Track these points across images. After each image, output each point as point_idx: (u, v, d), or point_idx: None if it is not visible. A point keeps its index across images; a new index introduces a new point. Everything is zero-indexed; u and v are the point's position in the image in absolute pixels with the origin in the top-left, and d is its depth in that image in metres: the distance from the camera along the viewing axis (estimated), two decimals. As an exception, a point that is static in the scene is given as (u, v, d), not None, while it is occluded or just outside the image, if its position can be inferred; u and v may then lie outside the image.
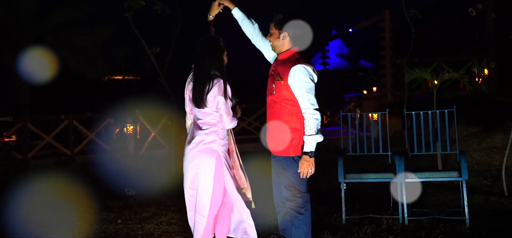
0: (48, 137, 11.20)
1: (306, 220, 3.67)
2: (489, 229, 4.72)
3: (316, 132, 3.53)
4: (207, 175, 3.65)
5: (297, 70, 3.56)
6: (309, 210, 3.69)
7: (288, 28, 3.66)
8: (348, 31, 17.93)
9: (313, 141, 3.54)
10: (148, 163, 11.01)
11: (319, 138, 3.55)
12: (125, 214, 5.82)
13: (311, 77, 3.59)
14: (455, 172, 4.95)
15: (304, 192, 3.66)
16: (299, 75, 3.56)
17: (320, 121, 3.56)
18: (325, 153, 8.79)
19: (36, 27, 15.29)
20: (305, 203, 3.66)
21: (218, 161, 3.66)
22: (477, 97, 11.81)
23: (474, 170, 7.38)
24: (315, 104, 3.57)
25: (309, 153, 3.54)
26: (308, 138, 3.53)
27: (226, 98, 3.63)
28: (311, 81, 3.58)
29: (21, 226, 5.46)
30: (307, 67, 3.58)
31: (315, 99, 3.58)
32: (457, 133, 5.50)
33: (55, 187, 8.29)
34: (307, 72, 3.57)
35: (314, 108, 3.55)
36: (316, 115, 3.55)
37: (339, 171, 5.06)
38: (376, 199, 6.03)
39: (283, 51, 3.70)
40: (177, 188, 7.09)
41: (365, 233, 4.70)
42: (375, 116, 10.22)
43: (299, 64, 3.57)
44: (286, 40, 3.68)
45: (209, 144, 3.65)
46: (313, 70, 3.64)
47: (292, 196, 3.65)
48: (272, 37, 3.73)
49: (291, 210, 3.67)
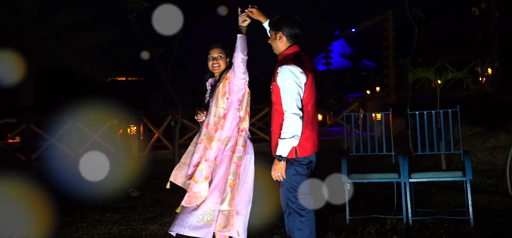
0: (52, 138, 11.24)
1: (308, 221, 3.64)
2: (493, 229, 4.70)
3: (292, 136, 3.46)
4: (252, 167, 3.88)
5: (281, 71, 3.52)
6: (311, 211, 3.67)
7: (282, 28, 3.66)
8: (351, 31, 17.91)
9: (284, 144, 3.47)
10: (152, 164, 11.04)
11: (293, 142, 3.47)
12: (129, 215, 5.83)
13: (294, 79, 3.49)
14: (459, 172, 4.94)
15: (306, 193, 3.65)
16: (282, 76, 3.51)
17: (297, 126, 3.46)
18: (329, 153, 8.77)
19: (39, 29, 15.34)
20: (305, 205, 3.64)
21: None
22: (481, 97, 11.78)
23: (478, 170, 7.36)
24: (293, 107, 3.47)
25: (279, 156, 3.49)
26: (280, 141, 3.48)
27: None
28: (294, 83, 3.49)
29: (21, 226, 5.49)
30: (291, 68, 3.50)
31: (296, 102, 3.48)
32: (461, 132, 5.49)
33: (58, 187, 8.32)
34: (291, 73, 3.49)
35: (291, 112, 3.46)
36: (293, 119, 3.46)
37: (342, 171, 5.05)
38: (380, 199, 6.03)
39: (281, 52, 3.70)
40: (181, 189, 7.12)
41: (369, 233, 4.70)
42: (379, 117, 10.22)
43: (284, 65, 3.52)
44: (282, 40, 3.68)
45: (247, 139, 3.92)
46: (301, 71, 3.52)
47: (293, 197, 3.64)
48: (270, 39, 3.75)
49: (293, 211, 3.67)
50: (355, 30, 17.46)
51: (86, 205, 6.42)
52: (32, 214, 6.04)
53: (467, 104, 9.88)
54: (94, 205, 6.40)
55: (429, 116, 5.41)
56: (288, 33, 3.67)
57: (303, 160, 3.63)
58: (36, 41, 15.33)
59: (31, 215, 5.99)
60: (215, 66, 4.02)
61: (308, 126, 3.62)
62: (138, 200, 6.76)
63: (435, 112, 5.38)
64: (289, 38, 3.68)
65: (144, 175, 9.43)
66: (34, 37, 15.28)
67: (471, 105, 10.34)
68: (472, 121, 9.47)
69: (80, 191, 7.77)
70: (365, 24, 15.55)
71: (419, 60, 12.21)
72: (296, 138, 3.47)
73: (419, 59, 12.53)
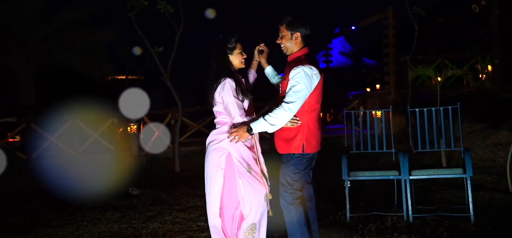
0: (52, 137, 11.23)
1: (297, 213, 3.72)
2: (494, 226, 4.70)
3: (273, 124, 3.50)
4: (217, 172, 3.65)
5: (297, 71, 3.57)
6: (299, 206, 3.73)
7: (299, 29, 3.69)
8: (351, 29, 17.90)
9: (263, 125, 3.51)
10: (152, 162, 11.04)
11: (270, 129, 3.52)
12: (129, 214, 5.83)
13: (307, 81, 3.54)
14: (460, 169, 4.93)
15: (296, 189, 3.74)
16: (296, 76, 3.57)
17: (284, 120, 3.52)
18: (329, 151, 8.77)
19: (41, 28, 15.35)
20: (293, 200, 3.73)
21: (228, 160, 3.65)
22: (481, 94, 11.78)
23: (479, 167, 7.36)
24: (293, 104, 3.51)
25: (250, 129, 3.51)
26: (263, 120, 3.51)
27: (237, 94, 3.63)
28: (305, 86, 3.54)
29: (21, 226, 5.50)
30: (307, 70, 3.56)
31: (297, 102, 3.52)
32: (461, 130, 5.49)
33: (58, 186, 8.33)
34: (305, 75, 3.55)
35: (288, 106, 3.51)
36: (286, 112, 3.50)
37: (343, 169, 5.05)
38: (381, 197, 6.03)
39: (294, 52, 3.73)
40: (181, 187, 7.12)
41: (369, 231, 4.70)
42: (379, 114, 10.20)
43: (300, 66, 3.57)
44: (298, 41, 3.71)
45: (220, 143, 3.66)
46: (317, 72, 3.61)
47: (284, 191, 3.75)
48: (283, 39, 3.75)
49: (282, 205, 3.78)
50: (355, 28, 17.45)
51: (86, 203, 6.42)
52: (30, 213, 6.05)
53: (468, 101, 9.88)
54: (94, 203, 6.40)
55: (430, 114, 5.41)
56: (303, 34, 3.72)
57: (307, 155, 3.73)
58: (38, 40, 15.33)
59: (28, 214, 6.00)
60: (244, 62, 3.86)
61: (315, 123, 3.72)
62: (138, 198, 6.76)
63: (435, 109, 5.38)
64: (304, 39, 3.71)
65: (144, 173, 9.44)
66: (36, 36, 15.29)
67: (472, 103, 10.33)
68: (472, 118, 9.46)
69: (81, 190, 7.78)
70: (365, 22, 15.53)
71: (420, 58, 12.20)
72: (275, 128, 3.54)
73: (420, 57, 12.52)
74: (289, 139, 3.68)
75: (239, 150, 3.66)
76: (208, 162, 3.71)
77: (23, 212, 6.19)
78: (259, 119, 3.54)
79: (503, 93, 11.07)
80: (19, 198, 7.16)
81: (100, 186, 7.28)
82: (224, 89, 3.62)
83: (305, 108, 3.64)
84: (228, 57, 3.75)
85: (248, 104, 3.74)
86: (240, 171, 3.64)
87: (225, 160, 3.65)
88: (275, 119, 3.51)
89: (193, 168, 9.12)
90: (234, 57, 3.77)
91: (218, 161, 3.66)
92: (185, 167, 9.20)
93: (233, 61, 3.78)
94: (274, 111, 3.53)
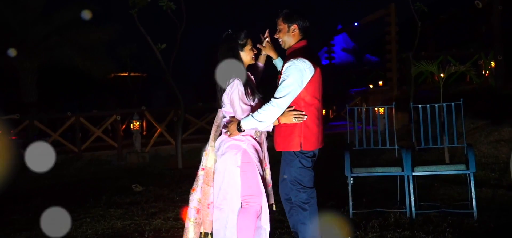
0: (55, 134, 11.27)
1: (311, 215, 3.62)
2: (497, 222, 4.69)
3: (261, 121, 3.41)
4: (234, 170, 3.52)
5: (289, 64, 3.50)
6: (314, 205, 3.65)
7: (297, 21, 3.64)
8: (354, 25, 17.89)
9: (251, 122, 3.42)
10: (155, 159, 11.06)
11: (259, 126, 3.43)
12: (132, 210, 5.84)
13: (298, 77, 3.45)
14: (463, 165, 4.92)
15: (308, 187, 3.63)
16: (288, 69, 3.50)
17: (273, 116, 3.43)
18: (332, 148, 8.77)
19: (42, 27, 15.38)
20: (309, 199, 3.62)
21: (244, 156, 3.52)
22: (484, 90, 11.75)
23: (482, 163, 7.34)
24: (281, 99, 3.43)
25: (240, 126, 3.44)
26: (251, 117, 3.42)
27: (247, 96, 3.49)
28: (295, 81, 3.45)
29: (22, 225, 5.50)
30: (300, 63, 3.47)
31: (286, 97, 3.44)
32: (464, 126, 5.47)
33: (62, 183, 8.35)
34: (297, 70, 3.46)
35: (276, 102, 3.43)
36: (274, 109, 3.42)
37: (345, 165, 5.04)
38: (383, 193, 6.02)
39: (292, 45, 3.66)
40: (184, 184, 7.12)
41: (372, 227, 4.69)
42: (382, 111, 10.19)
43: (293, 59, 3.50)
44: (296, 33, 3.65)
45: (233, 141, 3.54)
46: (310, 65, 3.51)
47: (296, 190, 3.63)
48: (281, 32, 3.68)
49: (296, 205, 3.65)
50: (357, 25, 17.43)
51: (89, 200, 6.43)
52: (32, 212, 6.06)
53: (471, 98, 9.85)
54: (97, 200, 6.41)
55: (432, 110, 5.39)
56: (301, 26, 3.66)
57: (308, 153, 3.62)
58: (39, 38, 15.37)
59: (29, 214, 6.01)
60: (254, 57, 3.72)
61: (314, 120, 3.61)
62: (141, 195, 6.77)
63: (438, 106, 5.36)
64: (301, 31, 3.67)
65: (147, 170, 9.46)
66: (37, 34, 15.32)
67: (475, 99, 10.31)
68: (475, 115, 9.44)
69: (84, 187, 7.80)
70: (367, 19, 15.51)
71: (422, 54, 12.17)
72: (264, 124, 3.45)
73: (422, 53, 12.49)
74: (286, 135, 3.59)
75: (251, 148, 3.55)
76: (225, 159, 3.55)
77: (26, 210, 6.21)
78: (248, 116, 3.44)
79: (506, 89, 11.04)
80: (20, 197, 7.18)
81: (103, 183, 7.30)
82: (233, 91, 3.49)
83: (302, 103, 3.54)
84: (239, 54, 3.58)
85: (257, 103, 3.59)
86: (257, 165, 3.55)
87: (241, 157, 3.52)
88: (263, 115, 3.42)
89: (195, 164, 9.05)
90: (245, 53, 3.61)
91: (234, 159, 3.52)
92: (187, 164, 9.21)
93: (244, 58, 3.60)
94: (263, 108, 3.44)
